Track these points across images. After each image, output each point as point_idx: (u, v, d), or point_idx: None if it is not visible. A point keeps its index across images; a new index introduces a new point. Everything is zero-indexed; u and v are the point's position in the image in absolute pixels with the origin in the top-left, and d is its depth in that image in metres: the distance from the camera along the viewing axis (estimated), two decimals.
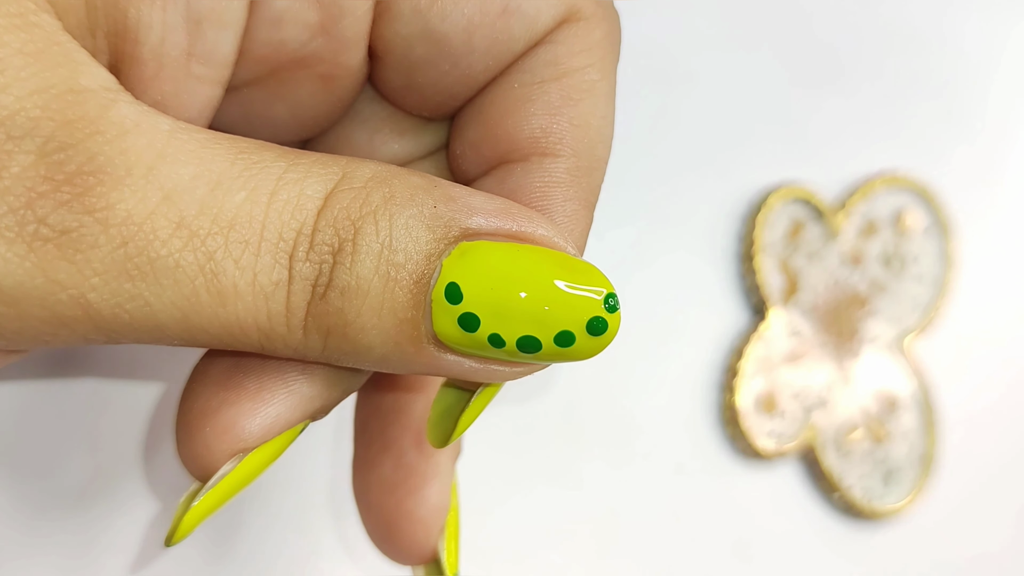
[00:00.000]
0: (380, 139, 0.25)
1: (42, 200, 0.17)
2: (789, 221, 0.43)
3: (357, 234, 0.19)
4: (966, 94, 0.49)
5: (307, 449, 0.34)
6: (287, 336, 0.19)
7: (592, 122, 0.23)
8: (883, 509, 0.44)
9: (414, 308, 0.19)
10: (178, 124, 0.19)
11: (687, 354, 0.42)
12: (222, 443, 0.21)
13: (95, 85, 0.18)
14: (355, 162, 0.20)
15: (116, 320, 0.18)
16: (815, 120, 0.45)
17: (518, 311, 0.19)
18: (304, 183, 0.19)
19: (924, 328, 0.46)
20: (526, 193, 0.23)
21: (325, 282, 0.19)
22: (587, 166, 0.23)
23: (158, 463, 0.31)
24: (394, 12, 0.22)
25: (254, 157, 0.19)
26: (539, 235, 0.20)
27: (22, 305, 0.17)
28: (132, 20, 0.20)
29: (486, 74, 0.23)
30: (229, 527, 0.33)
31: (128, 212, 0.18)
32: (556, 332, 0.19)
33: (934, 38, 0.48)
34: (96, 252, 0.17)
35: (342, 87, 0.24)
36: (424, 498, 0.26)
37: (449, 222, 0.19)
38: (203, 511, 0.21)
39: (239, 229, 0.18)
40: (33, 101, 0.17)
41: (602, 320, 0.20)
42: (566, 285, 0.19)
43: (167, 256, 0.18)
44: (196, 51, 0.21)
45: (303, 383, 0.22)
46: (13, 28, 0.17)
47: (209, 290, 0.18)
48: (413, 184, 0.20)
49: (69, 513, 0.30)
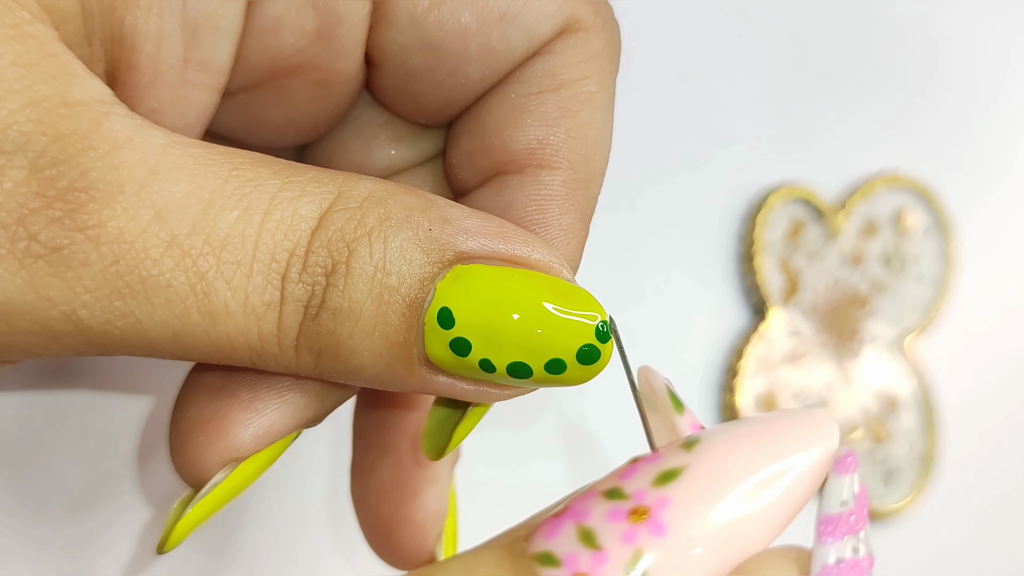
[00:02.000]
0: (377, 145, 0.25)
1: (34, 216, 0.17)
2: (789, 221, 0.43)
3: (351, 256, 0.19)
4: (967, 94, 0.49)
5: (305, 454, 0.34)
6: (279, 355, 0.19)
7: (589, 134, 0.23)
8: (883, 509, 0.44)
9: (407, 331, 0.19)
10: (172, 137, 0.19)
11: (687, 354, 0.42)
12: (215, 452, 0.21)
13: (88, 98, 0.18)
14: (351, 180, 0.20)
15: (107, 336, 0.18)
16: (815, 120, 0.45)
17: (509, 337, 0.19)
18: (299, 202, 0.19)
19: (924, 328, 0.46)
20: (522, 206, 0.23)
21: (318, 303, 0.19)
22: (583, 178, 0.23)
23: (152, 470, 0.31)
24: (391, 19, 0.22)
25: (248, 174, 0.19)
26: (534, 259, 0.20)
27: (13, 320, 0.17)
28: (129, 28, 0.20)
29: (483, 83, 0.23)
30: (227, 531, 0.33)
31: (120, 230, 0.18)
32: (547, 359, 0.19)
33: (935, 39, 0.48)
34: (87, 270, 0.17)
35: (339, 94, 0.24)
36: (422, 503, 0.26)
37: (444, 245, 0.19)
38: (196, 519, 0.21)
39: (231, 249, 0.18)
40: (26, 115, 0.17)
41: (594, 347, 0.19)
42: (559, 311, 0.19)
43: (158, 275, 0.18)
44: (192, 58, 0.21)
45: (296, 393, 0.22)
46: (7, 39, 0.17)
47: (200, 310, 0.18)
48: (409, 204, 0.19)
49: (63, 519, 0.30)
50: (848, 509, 0.17)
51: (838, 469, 0.17)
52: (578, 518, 0.16)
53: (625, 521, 0.16)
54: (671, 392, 0.19)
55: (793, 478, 0.17)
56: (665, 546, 0.16)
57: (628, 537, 0.16)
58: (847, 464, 0.17)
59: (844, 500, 0.17)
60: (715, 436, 0.17)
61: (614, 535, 0.16)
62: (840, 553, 0.17)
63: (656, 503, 0.16)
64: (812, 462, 0.17)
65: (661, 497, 0.16)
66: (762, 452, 0.17)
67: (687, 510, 0.16)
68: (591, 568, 0.15)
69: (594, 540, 0.16)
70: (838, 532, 0.17)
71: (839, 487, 0.17)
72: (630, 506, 0.16)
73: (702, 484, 0.16)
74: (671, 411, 0.19)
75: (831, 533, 0.17)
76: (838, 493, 0.17)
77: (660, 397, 0.19)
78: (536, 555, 0.16)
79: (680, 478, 0.16)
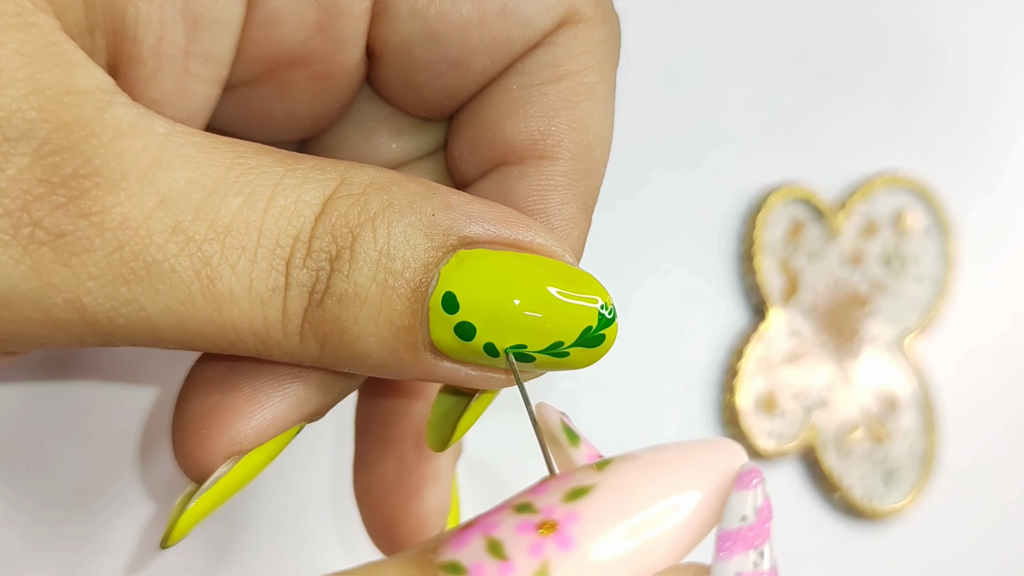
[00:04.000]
0: (378, 139, 0.25)
1: (38, 203, 0.17)
2: (789, 221, 0.43)
3: (355, 241, 0.19)
4: (966, 94, 0.49)
5: (308, 449, 0.34)
6: (283, 342, 0.19)
7: (590, 125, 0.23)
8: (883, 509, 0.44)
9: (411, 316, 0.19)
10: (175, 127, 0.19)
11: (687, 354, 0.42)
12: (218, 445, 0.21)
13: (91, 86, 0.18)
14: (353, 167, 0.20)
15: (111, 324, 0.18)
16: (815, 120, 0.45)
17: (513, 321, 0.19)
18: (302, 189, 0.19)
19: (924, 328, 0.46)
20: (524, 196, 0.23)
21: (322, 289, 0.19)
22: (585, 169, 0.23)
23: (155, 464, 0.31)
24: (392, 12, 0.22)
25: (251, 161, 0.19)
26: (537, 243, 0.20)
27: (17, 308, 0.17)
28: (131, 18, 0.20)
29: (484, 75, 0.23)
30: (230, 526, 0.33)
31: (124, 216, 0.18)
32: (551, 342, 0.19)
33: (934, 39, 0.48)
34: (92, 256, 0.17)
35: (340, 87, 0.24)
36: (425, 498, 0.26)
37: (447, 230, 0.19)
38: (199, 513, 0.21)
39: (235, 235, 0.18)
40: (29, 103, 0.17)
41: (598, 330, 0.19)
42: (562, 295, 0.19)
43: (163, 261, 0.18)
44: (194, 50, 0.21)
45: (298, 386, 0.21)
46: (10, 28, 0.17)
47: (205, 295, 0.18)
48: (412, 191, 0.19)
49: (66, 514, 0.30)
50: (748, 524, 0.17)
51: (739, 485, 0.17)
52: (487, 530, 0.16)
53: (533, 533, 0.16)
54: (566, 427, 0.19)
55: (699, 500, 0.17)
56: (571, 559, 0.16)
57: (535, 549, 0.16)
58: (749, 480, 0.17)
59: (744, 515, 0.17)
60: (626, 459, 0.17)
61: (521, 547, 0.16)
62: (739, 568, 0.17)
63: (565, 517, 0.16)
64: (719, 485, 0.17)
65: (570, 512, 0.16)
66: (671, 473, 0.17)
67: (595, 525, 0.16)
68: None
69: (501, 551, 0.16)
70: (736, 547, 0.17)
71: (740, 503, 0.17)
72: (539, 519, 0.16)
73: (611, 501, 0.17)
74: (567, 445, 0.19)
75: (729, 548, 0.17)
76: (738, 509, 0.17)
77: (557, 432, 0.19)
78: (443, 564, 0.16)
79: (590, 495, 0.17)
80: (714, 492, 0.17)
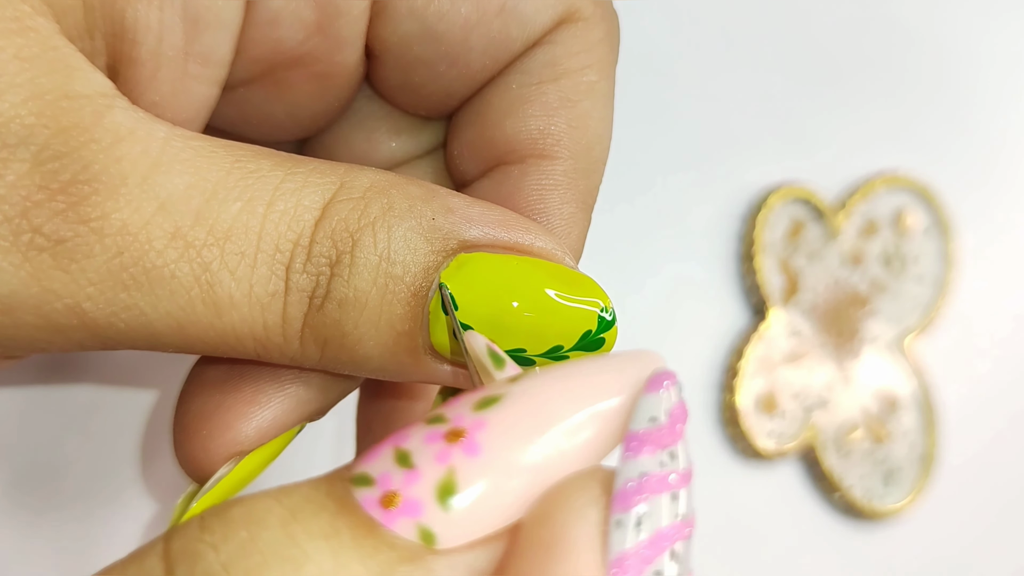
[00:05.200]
0: (377, 138, 0.25)
1: (37, 209, 0.17)
2: (789, 221, 0.43)
3: (355, 246, 0.19)
4: (966, 94, 0.49)
5: (308, 449, 0.34)
6: (283, 346, 0.19)
7: (590, 124, 0.23)
8: (883, 509, 0.44)
9: (411, 320, 0.19)
10: (174, 130, 0.19)
11: (687, 354, 0.42)
12: (219, 445, 0.21)
13: (90, 91, 0.18)
14: (353, 170, 0.20)
15: (111, 329, 0.18)
16: (815, 120, 0.45)
17: (512, 324, 0.19)
18: (301, 193, 0.19)
19: (924, 328, 0.46)
20: (523, 196, 0.23)
21: (322, 294, 0.19)
22: (584, 168, 0.23)
23: (156, 465, 0.31)
24: (391, 11, 0.22)
25: (250, 165, 0.19)
26: (537, 247, 0.20)
27: (17, 313, 0.17)
28: (130, 21, 0.20)
29: (483, 74, 0.23)
30: None
31: (123, 222, 0.18)
32: (550, 346, 0.19)
33: (934, 38, 0.48)
34: (91, 262, 0.17)
35: (339, 86, 0.24)
36: None
37: (447, 234, 0.19)
38: None
39: (235, 240, 0.18)
40: (28, 108, 0.17)
41: (597, 334, 0.19)
42: (561, 298, 0.19)
43: (163, 266, 0.18)
44: (193, 51, 0.21)
45: (299, 386, 0.22)
46: (9, 32, 0.17)
47: (205, 301, 0.18)
48: (411, 194, 0.20)
49: (67, 514, 0.30)
50: (657, 425, 0.16)
51: (650, 388, 0.17)
52: (397, 442, 0.16)
53: (441, 442, 0.16)
54: (491, 351, 0.19)
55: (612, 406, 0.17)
56: (478, 465, 0.16)
57: (442, 457, 0.16)
58: (659, 383, 0.17)
59: (653, 416, 0.16)
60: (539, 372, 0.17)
61: (429, 455, 0.16)
62: (645, 467, 0.16)
63: (472, 425, 0.16)
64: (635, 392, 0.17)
65: (478, 420, 0.16)
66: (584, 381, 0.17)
67: (503, 432, 0.16)
68: (402, 486, 0.15)
69: (409, 460, 0.16)
70: (643, 448, 0.16)
71: (649, 404, 0.17)
72: (447, 428, 0.16)
73: (520, 409, 0.16)
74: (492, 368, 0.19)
75: (635, 448, 0.16)
76: (647, 410, 0.16)
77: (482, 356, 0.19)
78: (352, 477, 0.16)
79: (499, 404, 0.16)
80: (629, 399, 0.17)
